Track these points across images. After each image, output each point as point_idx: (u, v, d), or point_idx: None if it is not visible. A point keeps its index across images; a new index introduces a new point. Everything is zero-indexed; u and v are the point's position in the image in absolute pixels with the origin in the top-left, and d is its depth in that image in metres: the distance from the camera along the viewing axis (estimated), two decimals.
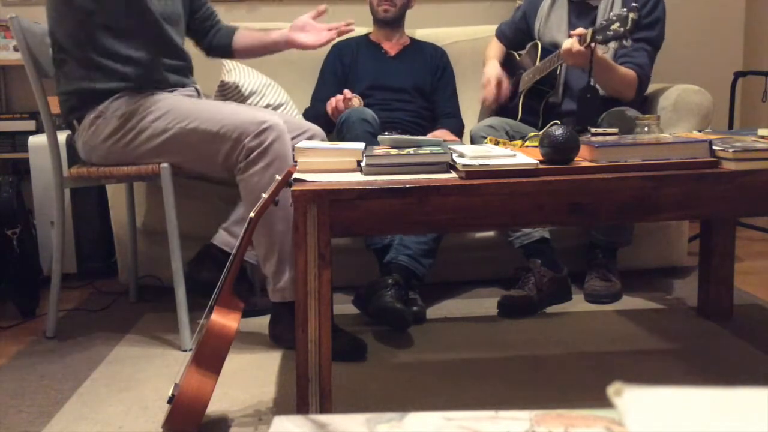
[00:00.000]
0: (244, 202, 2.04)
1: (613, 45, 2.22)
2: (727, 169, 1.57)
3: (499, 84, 2.68)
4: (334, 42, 2.95)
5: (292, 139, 2.27)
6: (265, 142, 1.96)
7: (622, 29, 2.06)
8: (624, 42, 2.11)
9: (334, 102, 2.60)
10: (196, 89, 2.32)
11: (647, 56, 2.45)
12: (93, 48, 2.09)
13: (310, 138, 2.31)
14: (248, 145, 1.97)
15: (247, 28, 2.52)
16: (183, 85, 2.24)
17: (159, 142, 2.06)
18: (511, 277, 2.49)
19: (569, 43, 2.25)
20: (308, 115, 2.78)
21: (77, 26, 2.08)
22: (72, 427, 1.66)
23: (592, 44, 2.19)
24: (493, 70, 2.72)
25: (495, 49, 2.85)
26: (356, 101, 2.60)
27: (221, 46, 2.44)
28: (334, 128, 2.56)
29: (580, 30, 2.26)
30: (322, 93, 2.80)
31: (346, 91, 2.62)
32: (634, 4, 2.10)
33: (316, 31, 2.38)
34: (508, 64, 2.80)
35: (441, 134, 2.67)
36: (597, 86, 2.35)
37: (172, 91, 2.19)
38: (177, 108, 2.07)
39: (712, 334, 2.15)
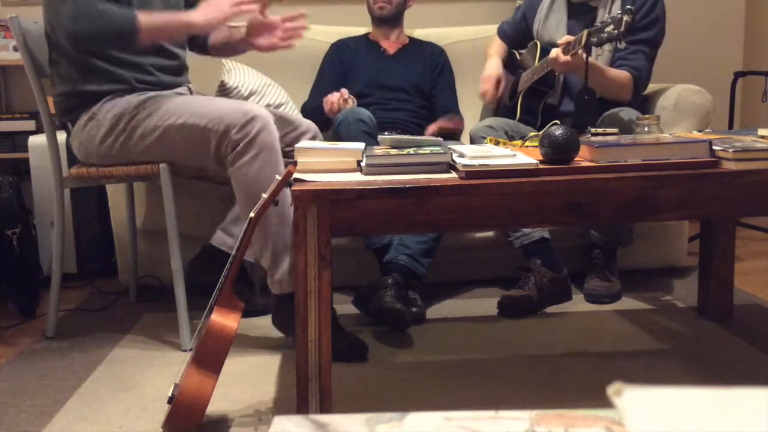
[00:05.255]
0: (237, 195, 2.04)
1: (608, 47, 2.22)
2: (727, 169, 1.57)
3: (497, 83, 2.68)
4: (333, 41, 2.97)
5: (287, 134, 2.27)
6: (251, 132, 1.96)
7: (615, 31, 2.06)
8: (618, 44, 2.11)
9: (329, 104, 2.62)
10: (189, 89, 2.31)
11: (645, 58, 2.45)
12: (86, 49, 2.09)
13: (303, 133, 2.31)
14: (234, 138, 1.97)
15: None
16: (176, 85, 2.24)
17: (152, 140, 2.07)
18: (511, 277, 2.49)
19: (555, 53, 2.27)
20: (306, 109, 2.80)
21: None
22: (72, 427, 1.66)
23: (580, 51, 2.19)
24: (493, 67, 2.73)
25: (496, 47, 2.86)
26: (350, 102, 2.61)
27: (200, 45, 2.43)
28: (330, 125, 2.59)
29: (566, 38, 2.27)
30: (320, 89, 2.82)
31: (344, 90, 2.63)
32: (629, 7, 2.11)
33: (270, 32, 2.29)
34: (509, 62, 2.80)
35: (440, 122, 2.69)
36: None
37: (165, 91, 2.18)
38: (166, 105, 2.07)
39: (712, 334, 2.15)
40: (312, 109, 2.76)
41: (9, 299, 2.53)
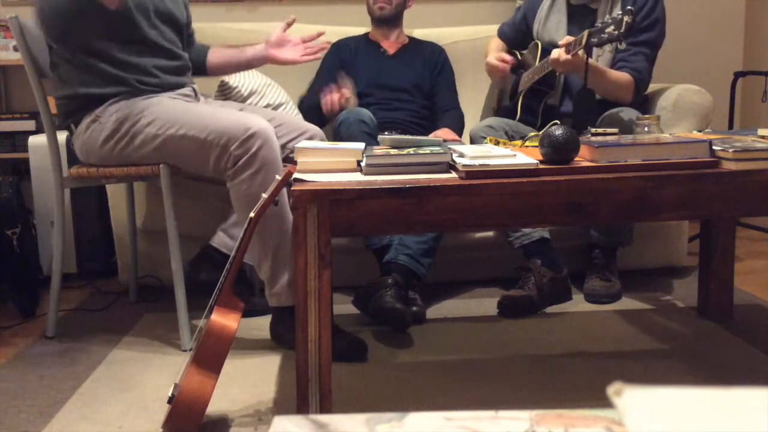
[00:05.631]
0: (236, 209, 2.04)
1: (608, 48, 2.22)
2: (727, 169, 1.57)
3: (501, 60, 2.66)
4: (333, 41, 2.96)
5: (292, 140, 2.27)
6: (252, 149, 1.94)
7: (616, 32, 2.06)
8: (618, 45, 2.11)
9: (329, 104, 2.61)
10: (194, 89, 2.31)
11: (646, 60, 2.46)
12: (86, 51, 2.08)
13: (309, 139, 2.31)
14: (234, 153, 1.95)
15: (220, 45, 2.49)
16: (180, 86, 2.23)
17: (152, 147, 2.06)
18: (511, 277, 2.49)
19: (556, 53, 2.27)
20: (303, 107, 2.80)
21: (69, 28, 2.08)
22: (72, 427, 1.66)
23: (580, 52, 2.19)
24: (491, 55, 2.73)
25: (496, 45, 2.86)
26: (352, 100, 2.61)
27: (196, 63, 2.40)
28: (326, 123, 2.60)
29: (567, 38, 2.27)
30: (319, 88, 2.81)
31: (344, 90, 2.63)
32: (629, 8, 2.11)
33: (292, 47, 2.37)
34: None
35: (442, 134, 2.67)
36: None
37: (169, 93, 2.18)
38: (168, 113, 2.05)
39: (712, 334, 2.15)
40: (310, 108, 2.76)
41: (9, 299, 2.53)
